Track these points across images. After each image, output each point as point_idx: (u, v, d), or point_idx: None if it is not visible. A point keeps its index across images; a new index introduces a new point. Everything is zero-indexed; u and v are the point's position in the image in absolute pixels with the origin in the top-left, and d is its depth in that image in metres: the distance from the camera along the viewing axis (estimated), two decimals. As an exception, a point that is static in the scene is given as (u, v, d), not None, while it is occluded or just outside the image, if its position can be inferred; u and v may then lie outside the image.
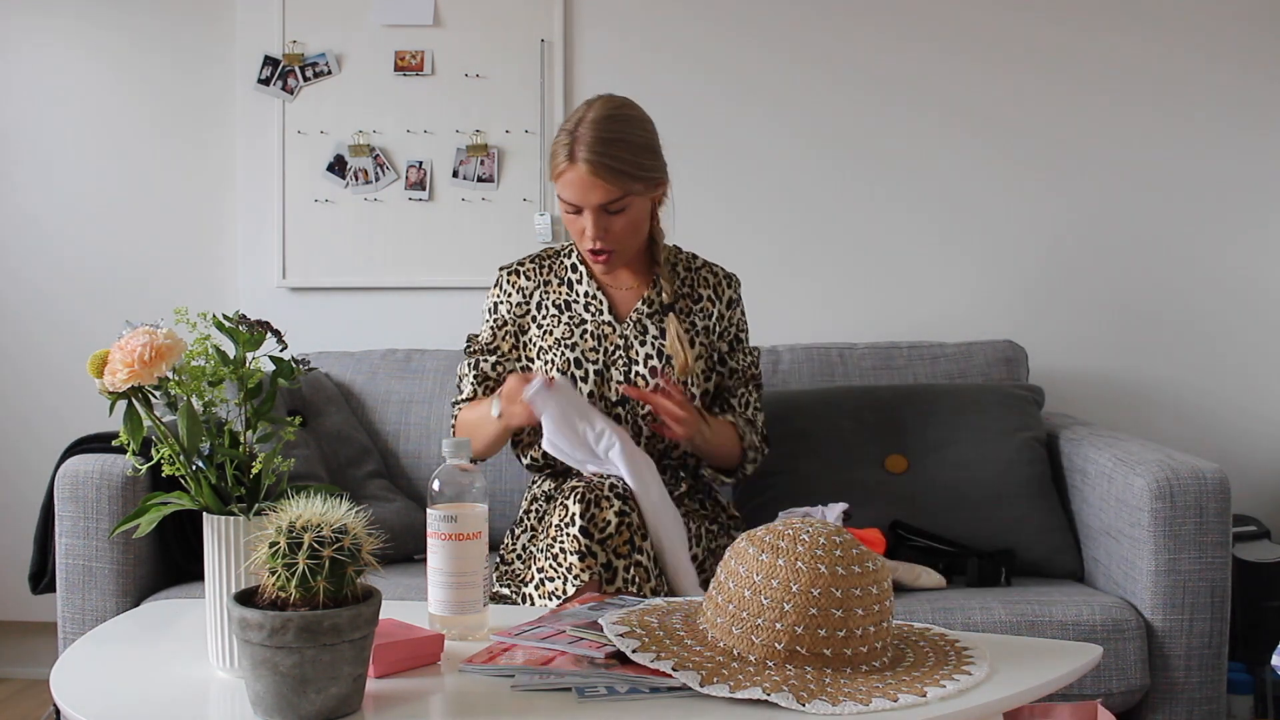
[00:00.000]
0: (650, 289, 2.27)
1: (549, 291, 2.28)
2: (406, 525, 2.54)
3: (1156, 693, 2.19)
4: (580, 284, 2.27)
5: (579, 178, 2.11)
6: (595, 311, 2.25)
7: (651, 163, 2.17)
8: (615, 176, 2.10)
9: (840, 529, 1.43)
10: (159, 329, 1.41)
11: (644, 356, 2.22)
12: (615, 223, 2.15)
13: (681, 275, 2.32)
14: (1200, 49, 2.99)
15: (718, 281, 2.32)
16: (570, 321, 2.25)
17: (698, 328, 2.28)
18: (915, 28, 3.02)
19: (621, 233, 2.16)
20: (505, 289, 2.30)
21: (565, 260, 2.30)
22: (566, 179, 2.13)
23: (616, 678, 1.36)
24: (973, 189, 3.03)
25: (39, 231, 3.15)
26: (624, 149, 2.12)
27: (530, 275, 2.29)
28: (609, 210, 2.13)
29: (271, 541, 1.28)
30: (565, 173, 2.13)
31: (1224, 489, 2.18)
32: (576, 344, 2.22)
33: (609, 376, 2.21)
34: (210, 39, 3.12)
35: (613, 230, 2.15)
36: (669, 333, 2.22)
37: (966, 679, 1.37)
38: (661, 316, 2.25)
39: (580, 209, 2.14)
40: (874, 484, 2.52)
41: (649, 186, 2.17)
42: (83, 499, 2.28)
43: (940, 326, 3.01)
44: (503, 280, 2.31)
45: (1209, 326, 3.01)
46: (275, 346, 1.48)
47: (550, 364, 2.22)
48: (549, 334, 2.25)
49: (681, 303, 2.29)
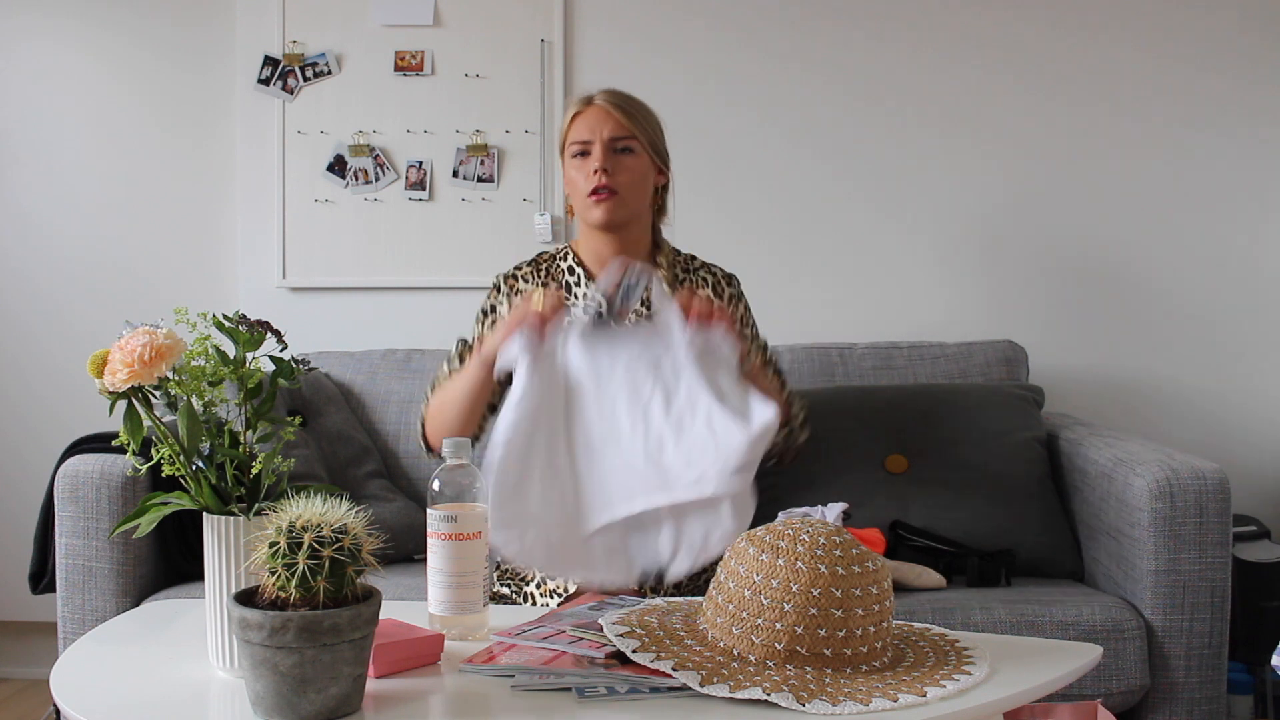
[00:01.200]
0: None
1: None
2: (406, 525, 2.54)
3: (1156, 693, 2.19)
4: (578, 285, 2.26)
5: (594, 112, 2.17)
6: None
7: (660, 133, 2.24)
8: (628, 117, 2.18)
9: (840, 529, 1.43)
10: (159, 329, 1.41)
11: None
12: (621, 163, 2.16)
13: (680, 277, 2.31)
14: (1198, 49, 2.98)
15: (716, 282, 2.32)
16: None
17: None
18: (916, 30, 3.02)
19: (625, 178, 2.16)
20: (504, 292, 2.29)
21: (562, 263, 2.30)
22: (580, 119, 2.19)
23: (616, 678, 1.36)
24: (973, 189, 3.03)
25: (38, 232, 3.15)
26: (639, 105, 2.22)
27: (528, 279, 2.29)
28: (618, 148, 2.16)
29: (271, 541, 1.28)
30: (580, 113, 2.19)
31: (1224, 489, 2.18)
32: None
33: None
34: (210, 39, 3.12)
35: (618, 171, 2.16)
36: None
37: (966, 679, 1.37)
38: None
39: (589, 149, 2.16)
40: (874, 484, 2.52)
41: (655, 151, 2.21)
42: (83, 499, 2.28)
43: (940, 326, 3.01)
44: (501, 284, 2.30)
45: (1209, 327, 3.01)
46: (275, 346, 1.48)
47: None
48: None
49: None
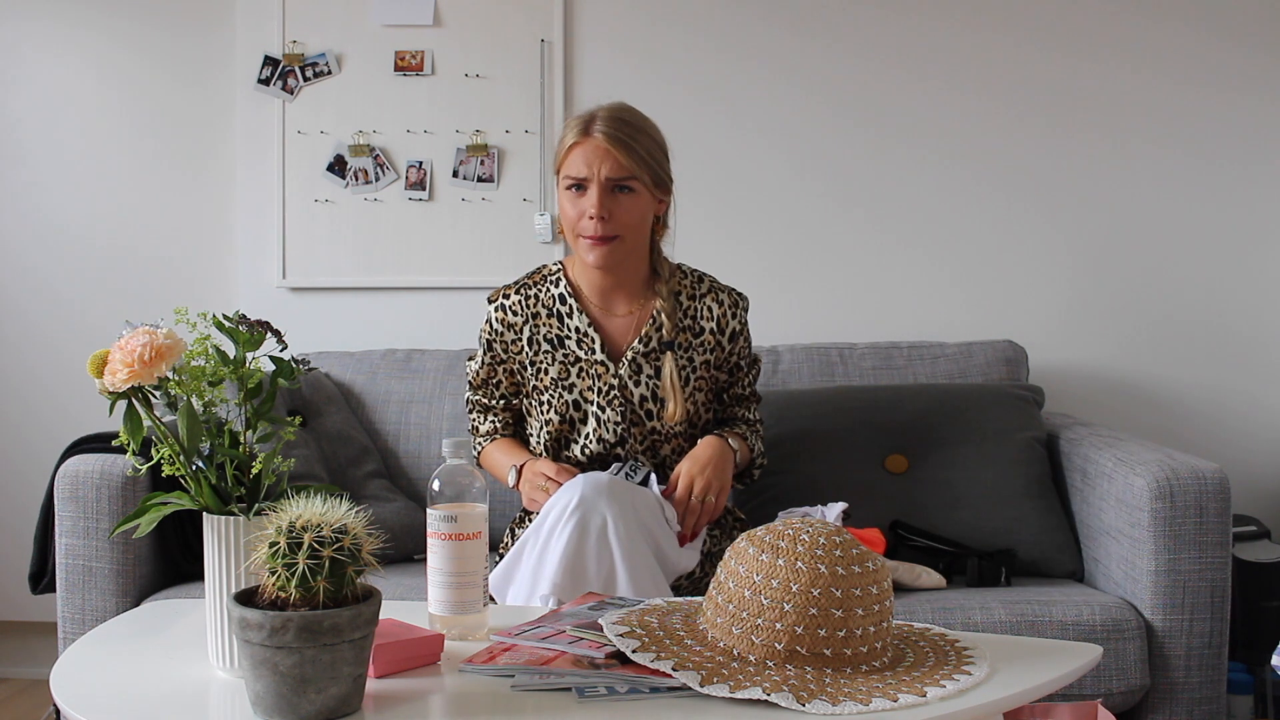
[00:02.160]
0: (649, 324, 2.19)
1: (539, 325, 2.19)
2: (406, 525, 2.54)
3: (1156, 693, 2.19)
4: (571, 318, 2.18)
5: (593, 147, 2.07)
6: (588, 350, 2.18)
7: (662, 160, 2.14)
8: (629, 153, 2.07)
9: (840, 529, 1.43)
10: (159, 329, 1.41)
11: (639, 398, 2.17)
12: (620, 203, 2.09)
13: (684, 305, 2.22)
14: (1198, 50, 2.98)
15: (723, 313, 2.22)
16: (565, 360, 2.18)
17: (695, 363, 2.20)
18: (916, 31, 3.02)
19: (624, 219, 2.09)
20: (496, 327, 2.22)
21: (553, 290, 2.21)
22: (577, 152, 2.09)
23: (616, 678, 1.36)
24: (973, 189, 3.03)
25: (39, 232, 3.15)
26: (640, 135, 2.10)
27: (517, 310, 2.20)
28: (616, 187, 2.08)
29: (271, 541, 1.28)
30: (576, 146, 2.09)
31: (1224, 489, 2.18)
32: (574, 384, 2.18)
33: (605, 419, 2.17)
34: (210, 39, 3.11)
35: (616, 213, 2.08)
36: (664, 374, 2.17)
37: (966, 679, 1.37)
38: (659, 355, 2.18)
39: (586, 185, 2.08)
40: (874, 484, 2.52)
41: (656, 184, 2.13)
42: (83, 499, 2.28)
43: (940, 326, 3.01)
44: (491, 316, 2.22)
45: (1209, 327, 3.01)
46: (275, 346, 1.48)
47: (548, 405, 2.19)
48: (544, 373, 2.19)
49: (681, 336, 2.20)
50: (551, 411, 2.19)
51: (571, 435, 2.20)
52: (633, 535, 1.90)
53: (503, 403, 2.27)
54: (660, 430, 2.18)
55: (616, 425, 2.16)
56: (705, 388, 2.23)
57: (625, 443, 2.17)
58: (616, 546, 1.88)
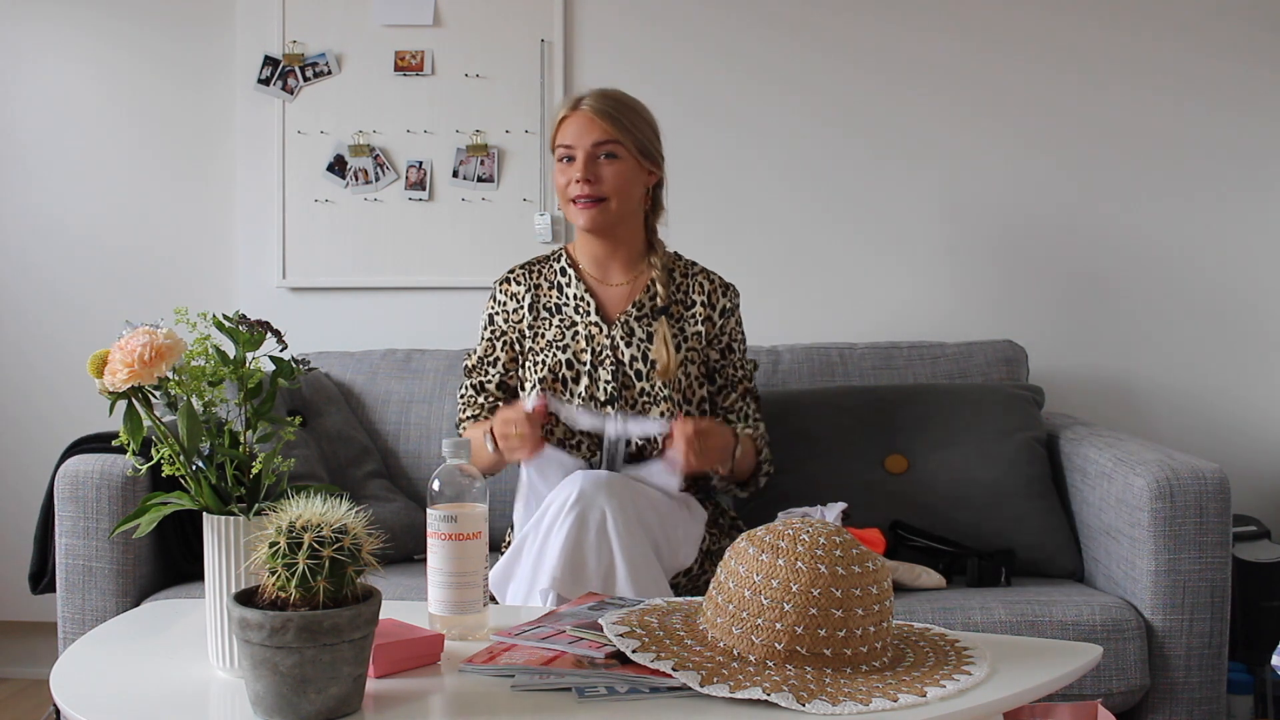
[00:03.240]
0: (643, 292, 2.29)
1: (540, 295, 2.31)
2: (406, 525, 2.54)
3: (1156, 693, 2.19)
4: (569, 286, 2.30)
5: (579, 119, 2.22)
6: (584, 313, 2.27)
7: (650, 134, 2.26)
8: (613, 123, 2.21)
9: (840, 529, 1.43)
10: (159, 329, 1.41)
11: (629, 358, 2.23)
12: (605, 169, 2.21)
13: (677, 280, 2.33)
14: (1199, 50, 2.98)
15: (713, 289, 2.33)
16: (561, 324, 2.27)
17: (686, 333, 2.29)
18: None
19: (609, 183, 2.20)
20: (500, 299, 2.33)
21: (555, 264, 2.33)
22: (567, 123, 2.24)
23: (616, 678, 1.36)
24: (973, 189, 3.03)
25: (38, 231, 3.15)
26: (627, 110, 2.24)
27: (521, 280, 2.33)
28: (601, 154, 2.20)
29: (271, 541, 1.28)
30: (566, 118, 2.24)
31: (1224, 489, 2.18)
32: (568, 345, 2.25)
33: (597, 377, 2.22)
34: (210, 39, 3.11)
35: (603, 176, 2.20)
36: (656, 336, 2.24)
37: (966, 679, 1.37)
38: (651, 320, 2.27)
39: (573, 154, 2.21)
40: (874, 484, 2.52)
41: (642, 154, 2.24)
42: (83, 499, 2.28)
43: (940, 326, 3.01)
44: (496, 291, 2.35)
45: (1209, 327, 3.01)
46: (275, 346, 1.48)
47: (542, 364, 2.24)
48: (541, 336, 2.27)
49: (674, 308, 2.30)
50: (545, 370, 2.23)
51: (564, 394, 2.24)
52: (631, 529, 1.95)
53: (496, 380, 2.31)
54: (650, 391, 2.21)
55: (607, 384, 2.21)
56: (697, 360, 2.28)
57: (614, 403, 2.22)
58: (615, 540, 1.93)
